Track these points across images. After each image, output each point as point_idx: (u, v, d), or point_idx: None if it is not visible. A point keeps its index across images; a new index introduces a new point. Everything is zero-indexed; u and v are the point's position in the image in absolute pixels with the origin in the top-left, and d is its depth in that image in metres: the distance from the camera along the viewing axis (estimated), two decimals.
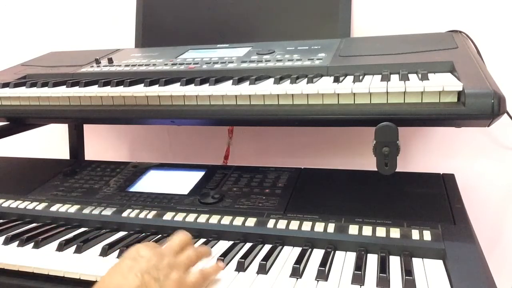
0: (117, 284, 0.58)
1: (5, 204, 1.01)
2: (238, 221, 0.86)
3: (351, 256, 0.75)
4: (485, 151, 1.19)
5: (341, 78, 0.79)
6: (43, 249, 0.83)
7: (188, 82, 0.86)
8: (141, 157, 1.53)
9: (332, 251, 0.76)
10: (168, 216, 0.90)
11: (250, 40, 1.15)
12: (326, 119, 0.76)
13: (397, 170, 0.72)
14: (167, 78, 0.88)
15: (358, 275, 0.68)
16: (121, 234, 0.88)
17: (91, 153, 1.44)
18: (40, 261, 0.78)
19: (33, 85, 0.97)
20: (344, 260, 0.74)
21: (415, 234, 0.76)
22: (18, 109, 0.96)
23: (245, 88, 0.80)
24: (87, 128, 1.44)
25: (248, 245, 0.81)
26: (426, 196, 0.89)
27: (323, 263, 0.71)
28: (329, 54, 0.96)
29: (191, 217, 0.88)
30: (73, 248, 0.81)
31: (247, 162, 1.13)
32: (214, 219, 0.87)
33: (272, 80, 0.83)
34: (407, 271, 0.68)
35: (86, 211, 0.95)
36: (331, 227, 0.81)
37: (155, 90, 0.84)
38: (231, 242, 0.82)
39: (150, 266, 0.60)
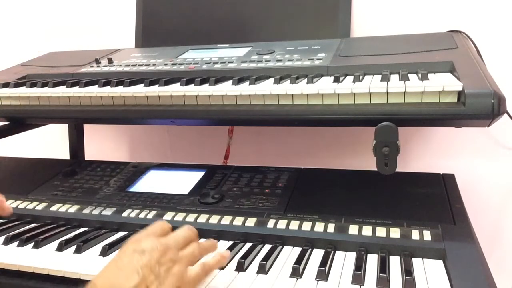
0: (114, 281, 0.55)
1: None
2: (238, 221, 0.86)
3: (351, 256, 0.75)
4: (485, 151, 1.19)
5: (341, 78, 0.79)
6: (43, 249, 0.82)
7: (188, 82, 0.86)
8: (141, 157, 1.53)
9: (332, 251, 0.76)
10: (168, 216, 0.90)
11: (250, 40, 1.15)
12: (326, 119, 0.76)
13: (397, 170, 0.72)
14: (167, 78, 0.88)
15: (358, 275, 0.68)
16: (121, 234, 0.88)
17: (91, 153, 1.44)
18: (40, 261, 0.78)
19: (33, 85, 0.97)
20: (344, 260, 0.74)
21: (415, 234, 0.76)
22: (18, 109, 0.96)
23: (245, 88, 0.80)
24: (87, 128, 1.44)
25: (248, 245, 0.81)
26: (426, 196, 0.89)
27: (323, 263, 0.71)
28: (329, 54, 0.96)
29: (191, 217, 0.88)
30: (73, 248, 0.81)
31: (247, 162, 1.13)
32: (214, 219, 0.87)
33: (272, 80, 0.83)
34: (407, 271, 0.68)
35: (86, 211, 0.95)
36: (331, 227, 0.81)
37: (155, 90, 0.84)
38: (231, 242, 0.82)
39: (152, 261, 0.57)
